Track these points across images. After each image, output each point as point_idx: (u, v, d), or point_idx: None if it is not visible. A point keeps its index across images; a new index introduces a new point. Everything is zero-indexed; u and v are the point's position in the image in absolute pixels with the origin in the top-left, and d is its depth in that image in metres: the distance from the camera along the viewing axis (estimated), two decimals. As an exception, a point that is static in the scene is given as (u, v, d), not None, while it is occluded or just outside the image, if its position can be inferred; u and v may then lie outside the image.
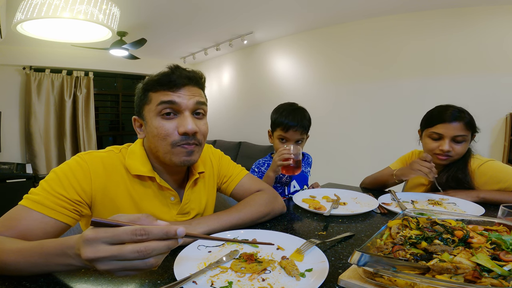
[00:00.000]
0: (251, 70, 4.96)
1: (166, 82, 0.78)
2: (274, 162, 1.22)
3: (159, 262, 0.47)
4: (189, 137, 0.79)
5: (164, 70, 0.81)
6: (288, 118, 1.28)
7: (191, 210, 0.92)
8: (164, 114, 0.78)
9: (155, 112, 0.79)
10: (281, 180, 1.43)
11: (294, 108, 1.35)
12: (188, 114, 0.79)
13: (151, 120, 0.80)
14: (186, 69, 0.82)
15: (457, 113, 1.24)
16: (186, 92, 0.79)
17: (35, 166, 4.54)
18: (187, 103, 0.79)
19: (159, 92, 0.79)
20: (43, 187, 0.71)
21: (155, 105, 0.78)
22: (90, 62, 4.85)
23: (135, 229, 0.44)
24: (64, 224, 0.71)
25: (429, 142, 1.31)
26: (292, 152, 1.19)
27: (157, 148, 0.80)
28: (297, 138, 1.31)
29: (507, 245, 0.56)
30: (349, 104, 3.72)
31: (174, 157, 0.80)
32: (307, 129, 1.33)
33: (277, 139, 1.34)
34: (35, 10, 1.91)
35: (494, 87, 2.76)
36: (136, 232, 0.44)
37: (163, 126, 0.78)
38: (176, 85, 0.78)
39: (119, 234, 0.44)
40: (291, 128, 1.28)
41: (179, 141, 0.78)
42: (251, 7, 3.21)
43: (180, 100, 0.78)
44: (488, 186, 1.23)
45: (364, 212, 1.03)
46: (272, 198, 0.99)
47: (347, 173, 3.62)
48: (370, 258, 0.52)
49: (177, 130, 0.78)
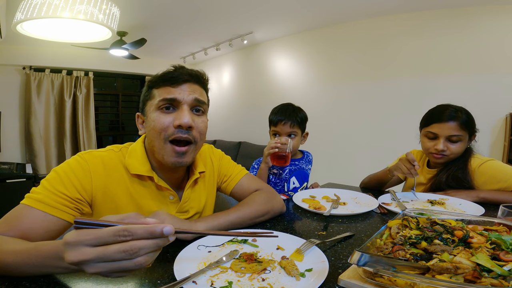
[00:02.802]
0: (251, 70, 4.96)
1: (168, 78, 0.80)
2: (264, 153, 1.33)
3: (151, 260, 0.45)
4: (183, 131, 0.79)
5: (168, 68, 0.83)
6: (278, 114, 1.41)
7: (190, 209, 0.92)
8: (163, 108, 0.79)
9: (155, 106, 0.80)
10: (281, 176, 1.46)
11: (285, 105, 1.46)
12: (186, 108, 0.80)
13: (150, 114, 0.81)
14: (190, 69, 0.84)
15: (453, 112, 1.25)
16: (186, 88, 0.81)
17: (35, 166, 4.54)
18: (186, 98, 0.80)
19: (161, 88, 0.80)
20: (44, 186, 0.72)
21: (156, 100, 0.80)
22: (90, 62, 4.84)
23: (117, 229, 0.42)
24: (66, 222, 0.72)
25: (425, 141, 1.32)
26: (279, 141, 1.29)
27: (153, 143, 0.81)
28: (287, 132, 1.40)
29: (507, 245, 0.56)
30: (349, 104, 3.72)
31: (166, 157, 0.80)
32: (298, 123, 1.41)
33: (272, 135, 1.45)
34: (35, 10, 1.91)
35: (494, 87, 2.76)
36: (119, 233, 0.42)
37: (160, 119, 0.79)
38: (177, 81, 0.80)
39: (101, 236, 0.42)
40: (280, 121, 1.39)
41: (171, 134, 0.78)
42: (251, 7, 3.21)
43: (180, 96, 0.79)
44: (488, 185, 1.23)
45: (364, 212, 1.03)
46: (270, 197, 0.99)
47: (347, 173, 3.62)
48: (370, 258, 0.52)
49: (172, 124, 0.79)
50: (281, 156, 1.30)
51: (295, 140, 1.41)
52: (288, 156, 1.30)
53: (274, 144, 1.29)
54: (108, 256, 0.42)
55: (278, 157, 1.30)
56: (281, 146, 1.29)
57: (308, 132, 1.51)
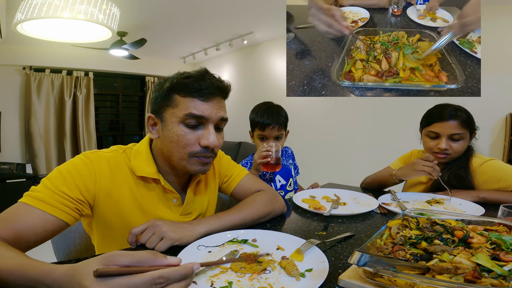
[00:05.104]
0: (251, 70, 4.96)
1: (197, 89, 0.76)
2: (255, 161, 1.28)
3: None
4: (209, 150, 0.79)
5: (193, 73, 0.79)
6: (264, 117, 1.36)
7: (193, 211, 0.92)
8: (189, 122, 0.77)
9: (180, 118, 0.77)
10: (265, 177, 1.45)
11: (268, 106, 1.42)
12: (212, 127, 0.79)
13: (172, 125, 0.78)
14: (214, 75, 0.81)
15: (453, 111, 1.25)
16: (214, 105, 0.79)
17: (35, 166, 4.53)
18: (214, 118, 0.79)
19: (188, 98, 0.77)
20: (45, 185, 0.70)
21: (182, 113, 0.76)
22: (90, 62, 4.84)
23: (153, 278, 0.41)
24: (65, 222, 0.70)
25: (427, 141, 1.32)
26: (271, 150, 1.25)
27: (171, 153, 0.80)
28: (275, 135, 1.37)
29: (507, 245, 0.56)
30: (349, 104, 3.72)
31: (189, 166, 0.79)
32: (284, 125, 1.40)
33: (257, 138, 1.41)
34: (35, 10, 1.91)
35: (494, 87, 2.76)
36: (155, 281, 0.41)
37: (186, 135, 0.77)
38: (206, 94, 0.77)
39: (137, 286, 0.40)
40: (268, 126, 1.35)
41: (198, 152, 0.78)
42: (251, 7, 3.21)
43: (208, 114, 0.77)
44: (488, 185, 1.23)
45: (364, 212, 1.03)
46: (272, 198, 0.99)
47: (347, 173, 3.61)
48: (370, 258, 0.52)
49: (198, 142, 0.78)
50: (274, 164, 1.27)
51: (282, 142, 1.41)
52: (279, 160, 1.28)
53: (266, 153, 1.24)
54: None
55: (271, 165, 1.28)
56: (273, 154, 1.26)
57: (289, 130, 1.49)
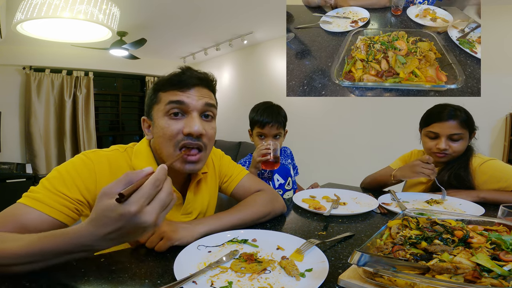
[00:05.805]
0: (251, 70, 4.96)
1: (176, 82, 0.78)
2: (254, 159, 1.29)
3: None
4: (193, 138, 0.78)
5: (175, 71, 0.81)
6: (263, 115, 1.39)
7: (194, 210, 0.92)
8: (172, 114, 0.77)
9: (163, 111, 0.78)
10: (263, 176, 1.46)
11: (268, 105, 1.46)
12: (196, 115, 0.78)
13: (158, 120, 0.79)
14: (198, 70, 0.82)
15: (452, 111, 1.26)
16: (195, 92, 0.79)
17: (35, 166, 4.54)
18: (196, 104, 0.78)
19: (169, 92, 0.78)
20: (44, 185, 0.70)
21: (163, 105, 0.78)
22: (90, 62, 4.84)
23: (154, 182, 0.50)
24: (62, 223, 0.69)
25: (427, 141, 1.32)
26: (270, 147, 1.27)
27: (162, 150, 0.80)
28: (274, 133, 1.40)
29: (507, 245, 0.56)
30: (349, 104, 3.72)
31: (176, 163, 0.78)
32: (283, 124, 1.43)
33: (257, 136, 1.43)
34: (35, 10, 1.91)
35: (494, 87, 2.75)
36: (155, 184, 0.51)
37: (169, 126, 0.77)
38: (186, 85, 0.78)
39: (149, 193, 0.50)
40: (267, 124, 1.38)
41: (181, 140, 0.78)
42: (251, 7, 3.21)
43: (189, 101, 0.78)
44: (488, 185, 1.24)
45: (364, 212, 1.03)
46: (272, 198, 0.99)
47: (347, 173, 3.61)
48: (370, 258, 0.52)
49: (182, 131, 0.77)
50: (273, 162, 1.29)
51: (280, 141, 1.43)
52: (278, 158, 1.30)
53: (265, 151, 1.26)
54: (164, 202, 0.52)
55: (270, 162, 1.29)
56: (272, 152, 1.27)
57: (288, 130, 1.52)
